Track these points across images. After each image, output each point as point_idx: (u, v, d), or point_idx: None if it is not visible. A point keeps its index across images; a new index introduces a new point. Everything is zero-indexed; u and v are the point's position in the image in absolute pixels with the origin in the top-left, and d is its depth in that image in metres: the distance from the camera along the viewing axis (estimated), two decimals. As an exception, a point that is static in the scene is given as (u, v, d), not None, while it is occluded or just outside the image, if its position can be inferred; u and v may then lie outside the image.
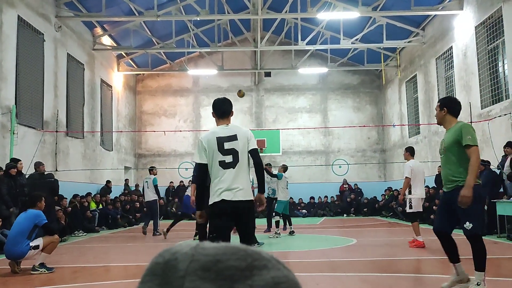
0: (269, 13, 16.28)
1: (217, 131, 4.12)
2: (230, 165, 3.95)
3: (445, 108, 4.49)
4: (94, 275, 6.13)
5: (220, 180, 3.94)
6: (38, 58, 12.83)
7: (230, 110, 4.36)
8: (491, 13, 12.04)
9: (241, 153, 3.99)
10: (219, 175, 3.95)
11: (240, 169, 3.96)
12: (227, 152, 3.98)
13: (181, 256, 0.51)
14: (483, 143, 12.60)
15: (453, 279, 4.47)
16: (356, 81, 22.53)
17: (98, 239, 11.40)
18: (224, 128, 4.14)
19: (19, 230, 6.26)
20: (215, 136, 4.04)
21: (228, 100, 4.43)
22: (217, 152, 3.98)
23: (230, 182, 3.91)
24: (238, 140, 4.01)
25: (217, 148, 3.98)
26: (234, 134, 4.05)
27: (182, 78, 22.37)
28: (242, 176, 3.97)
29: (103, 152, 17.77)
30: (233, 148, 3.99)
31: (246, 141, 4.04)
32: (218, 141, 4.01)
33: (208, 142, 4.03)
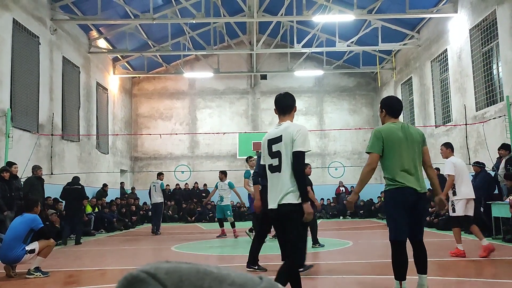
0: (264, 16, 16.32)
1: (269, 132, 3.88)
2: (276, 169, 3.71)
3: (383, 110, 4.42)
4: (90, 279, 6.11)
5: (270, 185, 3.77)
6: (34, 61, 12.79)
7: (289, 105, 3.90)
8: (485, 16, 12.12)
9: (285, 155, 3.67)
10: (269, 180, 3.79)
11: (285, 173, 3.65)
12: (274, 155, 3.74)
13: None
14: (478, 145, 12.66)
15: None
16: (352, 84, 22.60)
17: (94, 243, 11.35)
18: (275, 128, 3.85)
19: (14, 234, 6.23)
20: (267, 138, 3.86)
21: (289, 95, 3.97)
22: (267, 156, 3.80)
23: (276, 187, 3.68)
24: (282, 142, 3.69)
25: (267, 151, 3.81)
26: (280, 135, 3.71)
27: (178, 81, 22.36)
28: (286, 180, 3.64)
29: (99, 155, 17.72)
30: (278, 150, 3.71)
31: (289, 142, 3.64)
32: (268, 143, 3.81)
33: (263, 144, 3.90)
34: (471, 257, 7.27)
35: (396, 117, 4.38)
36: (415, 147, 4.23)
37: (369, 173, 4.21)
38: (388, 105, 4.39)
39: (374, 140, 4.20)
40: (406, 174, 4.13)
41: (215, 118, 22.35)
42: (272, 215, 3.72)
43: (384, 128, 4.28)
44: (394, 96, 4.70)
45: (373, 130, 4.34)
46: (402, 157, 4.15)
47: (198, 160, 22.05)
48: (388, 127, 4.27)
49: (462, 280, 5.42)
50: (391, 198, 4.17)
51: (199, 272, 0.56)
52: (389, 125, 4.28)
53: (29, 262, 6.23)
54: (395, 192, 4.12)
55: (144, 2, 15.32)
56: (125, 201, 17.35)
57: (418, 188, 4.12)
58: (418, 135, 4.31)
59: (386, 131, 4.21)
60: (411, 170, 4.15)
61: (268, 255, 7.36)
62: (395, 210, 4.13)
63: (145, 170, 22.02)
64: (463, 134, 13.46)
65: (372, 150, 4.20)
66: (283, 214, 3.61)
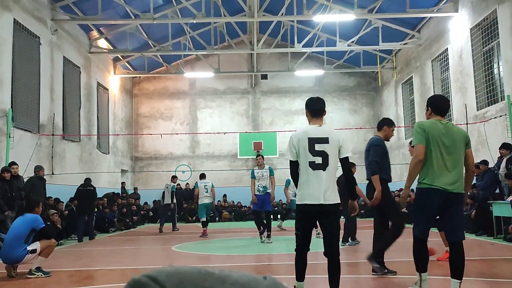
0: (265, 16, 16.31)
1: (309, 131, 4.12)
2: (320, 167, 3.95)
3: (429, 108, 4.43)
4: (91, 279, 6.11)
5: (308, 181, 3.96)
6: (34, 61, 12.80)
7: (323, 109, 4.34)
8: (486, 15, 12.11)
9: (331, 156, 3.98)
10: (307, 176, 3.97)
11: (329, 173, 3.95)
12: (318, 153, 3.97)
13: None
14: (479, 145, 12.65)
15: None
16: (352, 83, 22.59)
17: (95, 243, 11.36)
18: (316, 128, 4.14)
19: (16, 234, 6.24)
20: (306, 136, 4.04)
21: (321, 100, 4.41)
22: (308, 153, 3.98)
23: (319, 184, 3.91)
24: (329, 144, 3.99)
25: (308, 148, 3.99)
26: (326, 136, 4.03)
27: (178, 81, 22.37)
28: (330, 179, 3.96)
29: (100, 155, 17.73)
30: (324, 150, 3.97)
31: (337, 145, 4.02)
32: (310, 141, 4.01)
33: (298, 141, 4.06)
34: (471, 257, 7.26)
35: (442, 116, 4.33)
36: (456, 147, 4.13)
37: (417, 165, 4.13)
38: (434, 103, 4.37)
39: (418, 133, 4.17)
40: (439, 174, 4.07)
41: (216, 118, 22.35)
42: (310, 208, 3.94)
43: (427, 122, 4.25)
44: (440, 95, 4.75)
45: (416, 123, 4.33)
46: (438, 155, 4.10)
47: (198, 160, 22.06)
48: (432, 122, 4.23)
49: (464, 280, 5.41)
50: (421, 196, 4.17)
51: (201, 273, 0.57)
52: (433, 121, 4.25)
53: (31, 262, 6.23)
54: (425, 192, 4.11)
55: (144, 2, 15.32)
56: (125, 201, 17.35)
57: (450, 188, 4.04)
58: (460, 135, 4.21)
59: (429, 126, 4.17)
60: (446, 169, 4.07)
61: (271, 254, 7.35)
62: (424, 208, 4.16)
63: (145, 170, 22.03)
64: (464, 133, 13.44)
65: (417, 141, 4.15)
66: (331, 212, 3.93)
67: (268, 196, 10.18)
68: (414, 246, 4.27)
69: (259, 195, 10.11)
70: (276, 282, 0.57)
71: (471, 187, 11.46)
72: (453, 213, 4.10)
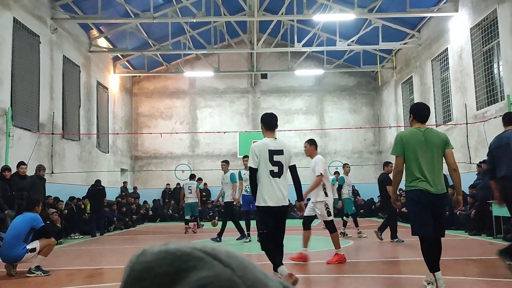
0: (265, 15, 16.31)
1: (268, 143, 4.86)
2: (277, 175, 4.77)
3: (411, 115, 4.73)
4: (91, 278, 6.11)
5: (269, 187, 4.74)
6: (34, 60, 12.79)
7: (276, 124, 5.07)
8: (486, 15, 12.10)
9: (285, 166, 4.84)
10: (267, 182, 4.74)
11: (283, 179, 4.82)
12: (275, 163, 4.78)
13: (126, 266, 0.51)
14: (479, 144, 12.65)
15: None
16: (352, 83, 22.59)
17: (95, 242, 11.36)
18: (273, 141, 4.91)
19: (15, 233, 6.24)
20: (267, 148, 4.80)
21: (275, 116, 5.12)
22: (268, 162, 4.76)
23: (278, 189, 4.75)
24: (284, 155, 4.84)
25: (268, 158, 4.76)
26: (281, 149, 4.86)
27: (178, 80, 22.36)
28: (285, 185, 4.82)
29: (99, 154, 17.72)
30: (280, 161, 4.80)
31: (289, 156, 4.90)
32: (270, 153, 4.78)
33: (260, 151, 4.79)
34: (472, 257, 7.27)
35: (423, 122, 4.66)
36: (435, 151, 4.48)
37: (398, 174, 4.63)
38: (416, 111, 4.71)
39: (395, 144, 4.61)
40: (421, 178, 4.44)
41: (216, 117, 22.34)
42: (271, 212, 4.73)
43: (405, 132, 4.65)
44: (422, 103, 5.03)
45: (397, 135, 4.72)
46: (419, 160, 4.45)
47: (198, 159, 22.05)
48: (410, 131, 4.62)
49: (463, 280, 5.42)
50: (410, 199, 4.57)
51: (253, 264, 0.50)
52: (412, 130, 4.62)
53: (30, 261, 6.23)
54: (413, 193, 4.50)
55: (144, 1, 15.31)
56: (125, 200, 17.34)
57: (432, 190, 4.40)
58: (438, 139, 4.55)
59: (407, 136, 4.56)
60: (428, 173, 4.43)
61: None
62: (416, 208, 4.48)
63: (145, 169, 22.02)
64: (464, 133, 13.45)
65: (394, 153, 4.63)
66: (284, 212, 4.83)
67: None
68: (422, 247, 4.48)
69: (249, 196, 10.12)
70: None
71: (471, 187, 11.47)
72: (437, 213, 4.46)
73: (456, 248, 8.32)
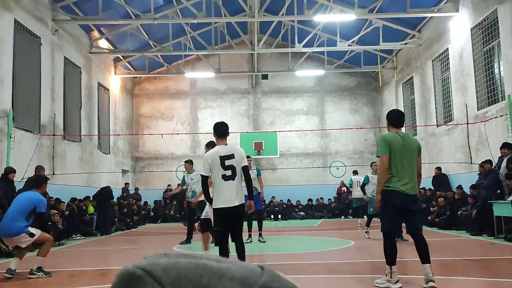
0: (265, 16, 16.31)
1: (219, 151, 5.21)
2: (230, 178, 5.12)
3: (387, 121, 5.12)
4: (92, 279, 6.12)
5: (222, 190, 5.11)
6: (35, 61, 12.81)
7: (227, 132, 5.38)
8: (486, 15, 12.10)
9: (237, 168, 5.17)
10: (221, 186, 5.11)
11: (237, 181, 5.15)
12: (227, 167, 5.12)
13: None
14: (480, 145, 12.65)
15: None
16: (353, 83, 22.59)
17: (96, 243, 11.37)
18: (224, 147, 5.25)
19: (19, 209, 6.23)
20: (218, 155, 5.15)
21: (226, 124, 5.45)
22: (220, 168, 5.11)
23: (231, 191, 5.10)
24: (235, 158, 5.17)
25: (220, 164, 5.11)
26: (232, 153, 5.19)
27: (179, 81, 22.37)
28: (238, 186, 5.17)
29: (101, 155, 17.74)
30: (232, 164, 5.14)
31: (241, 159, 5.21)
32: (221, 159, 5.13)
33: (212, 159, 5.15)
34: (473, 257, 7.27)
35: (398, 127, 5.03)
36: (412, 155, 4.87)
37: (384, 173, 4.86)
38: (391, 117, 5.06)
39: (382, 145, 4.87)
40: (400, 178, 4.77)
41: (216, 118, 22.28)
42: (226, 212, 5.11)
43: (389, 135, 4.97)
44: (397, 109, 5.38)
45: (379, 136, 5.01)
46: (398, 163, 4.80)
47: (199, 160, 21.92)
48: (392, 134, 4.95)
49: (464, 279, 5.42)
50: (385, 199, 4.85)
51: (198, 268, 0.54)
52: (393, 133, 4.97)
53: (23, 243, 6.20)
54: (388, 194, 4.80)
55: (145, 2, 15.33)
56: (126, 201, 17.36)
57: (408, 191, 4.76)
58: (415, 145, 4.95)
59: (391, 138, 4.89)
60: (405, 175, 4.79)
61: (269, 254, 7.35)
62: (388, 208, 4.82)
63: (146, 170, 22.04)
64: (465, 133, 13.45)
65: (382, 153, 4.86)
66: (239, 212, 5.18)
67: (258, 196, 10.28)
68: (384, 242, 4.87)
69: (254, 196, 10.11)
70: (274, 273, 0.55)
71: (472, 187, 11.48)
72: (413, 212, 4.82)
73: (457, 248, 8.32)
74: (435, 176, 14.83)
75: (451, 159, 14.36)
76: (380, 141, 4.90)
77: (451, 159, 14.40)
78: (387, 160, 4.80)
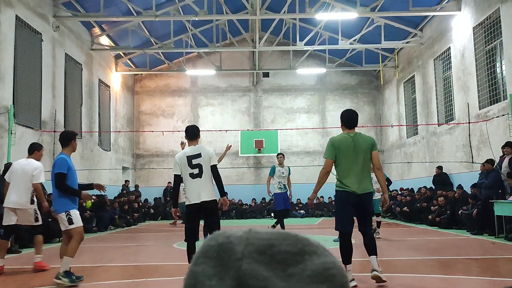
0: (267, 14, 16.28)
1: (187, 151, 5.54)
2: (197, 176, 5.35)
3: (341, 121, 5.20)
4: (91, 276, 6.11)
5: (190, 187, 5.36)
6: (36, 58, 12.80)
7: (197, 134, 5.68)
8: (489, 14, 12.07)
9: (205, 166, 5.39)
10: (189, 183, 5.36)
11: (205, 179, 5.35)
12: (194, 166, 5.37)
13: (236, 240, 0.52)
14: (481, 144, 12.63)
15: None
16: (354, 82, 22.55)
17: (96, 240, 11.37)
18: (192, 148, 5.55)
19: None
20: (185, 155, 5.45)
21: (197, 127, 5.81)
22: (187, 167, 5.37)
23: (198, 188, 5.31)
24: (202, 157, 5.40)
25: (187, 163, 5.37)
26: (199, 152, 5.44)
27: (180, 79, 22.35)
28: (206, 183, 5.36)
29: (101, 152, 17.74)
30: (199, 163, 5.38)
31: (208, 157, 5.43)
32: (188, 158, 5.40)
33: (180, 159, 5.44)
34: (474, 256, 7.26)
35: (351, 128, 5.10)
36: (362, 154, 4.96)
37: (325, 175, 5.09)
38: (344, 117, 5.16)
39: (328, 148, 5.03)
40: (350, 179, 4.91)
41: (217, 116, 22.33)
42: (194, 206, 5.30)
43: (337, 137, 5.08)
44: (350, 109, 5.44)
45: (329, 139, 5.14)
46: (348, 163, 4.92)
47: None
48: (341, 136, 5.07)
49: (465, 278, 5.41)
50: (338, 198, 5.06)
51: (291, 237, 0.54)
52: (343, 135, 5.08)
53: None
54: (340, 194, 4.99)
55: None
56: (127, 198, 17.36)
57: (358, 191, 4.89)
58: (366, 143, 5.01)
59: (338, 140, 5.01)
60: (354, 175, 4.91)
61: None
62: (340, 207, 5.01)
63: (147, 167, 22.03)
64: (466, 132, 13.42)
65: (327, 156, 5.05)
66: (208, 207, 5.32)
67: (286, 194, 10.31)
68: (340, 241, 5.02)
69: (281, 193, 10.16)
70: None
71: (473, 187, 11.45)
72: (363, 210, 4.99)
73: (457, 248, 8.31)
74: (436, 175, 14.82)
75: (452, 158, 14.34)
76: (328, 144, 5.04)
77: (452, 158, 14.38)
78: (331, 163, 5.00)
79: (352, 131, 5.09)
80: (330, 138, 5.14)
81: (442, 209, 12.84)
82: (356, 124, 5.15)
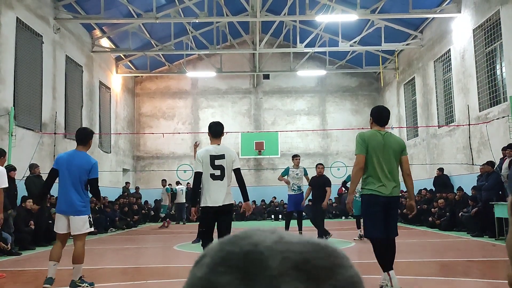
0: (267, 16, 16.30)
1: (210, 150, 5.25)
2: (219, 178, 5.14)
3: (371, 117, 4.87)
4: (91, 277, 6.11)
5: (209, 189, 5.11)
6: (37, 60, 12.81)
7: (222, 131, 5.41)
8: (489, 16, 12.08)
9: (227, 169, 5.18)
10: (209, 184, 5.12)
11: (225, 182, 5.16)
12: (217, 167, 5.15)
13: (267, 251, 0.46)
14: (481, 146, 12.62)
15: None
16: (354, 84, 22.57)
17: (96, 242, 11.37)
18: (216, 147, 5.28)
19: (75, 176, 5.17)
20: (208, 154, 5.18)
21: (221, 124, 5.45)
22: (209, 166, 5.13)
23: (218, 190, 5.11)
24: (225, 159, 5.18)
25: (210, 163, 5.13)
26: (223, 153, 5.20)
27: (180, 81, 22.37)
28: (226, 187, 5.18)
29: (102, 154, 17.74)
30: (221, 164, 5.16)
31: (231, 160, 5.22)
32: (211, 158, 5.15)
33: (202, 157, 5.16)
34: (474, 258, 7.26)
35: (382, 126, 4.78)
36: (393, 155, 4.63)
37: (358, 172, 4.67)
38: (376, 114, 4.82)
39: (359, 143, 4.68)
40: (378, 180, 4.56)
41: (218, 118, 22.28)
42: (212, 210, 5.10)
43: (367, 133, 4.75)
44: (382, 106, 5.11)
45: (357, 134, 4.78)
46: (376, 164, 4.58)
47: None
48: (371, 132, 4.72)
49: (465, 280, 5.41)
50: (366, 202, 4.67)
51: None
52: (373, 131, 4.73)
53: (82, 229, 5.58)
54: (368, 197, 4.62)
55: (147, 1, 15.33)
56: (127, 200, 17.36)
57: (387, 193, 4.54)
58: (397, 145, 4.68)
59: (369, 136, 4.66)
60: (383, 177, 4.57)
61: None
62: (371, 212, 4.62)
63: (147, 169, 22.04)
64: (466, 134, 13.43)
65: (359, 152, 4.68)
66: (225, 211, 5.16)
67: (302, 196, 10.24)
68: (374, 248, 4.64)
69: (294, 195, 10.18)
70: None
71: (473, 189, 11.45)
72: (390, 214, 4.62)
73: (458, 250, 8.30)
74: (437, 177, 14.81)
75: (453, 160, 14.34)
76: (358, 139, 4.71)
77: (452, 160, 14.38)
78: (363, 159, 4.63)
79: (382, 129, 4.76)
80: (359, 133, 4.80)
81: (442, 211, 12.83)
82: (387, 122, 4.85)
